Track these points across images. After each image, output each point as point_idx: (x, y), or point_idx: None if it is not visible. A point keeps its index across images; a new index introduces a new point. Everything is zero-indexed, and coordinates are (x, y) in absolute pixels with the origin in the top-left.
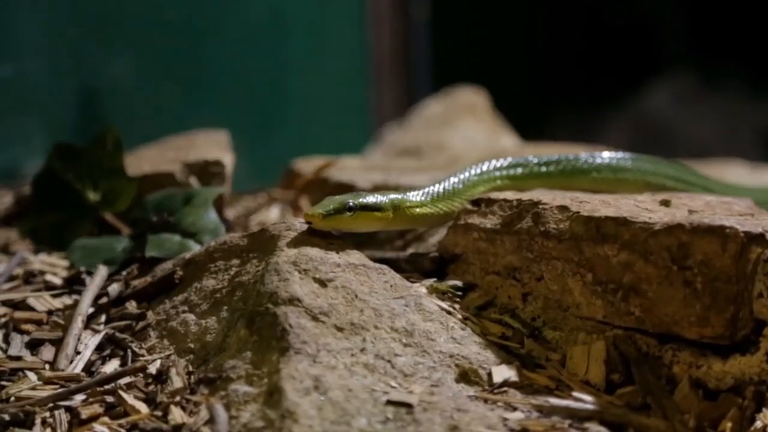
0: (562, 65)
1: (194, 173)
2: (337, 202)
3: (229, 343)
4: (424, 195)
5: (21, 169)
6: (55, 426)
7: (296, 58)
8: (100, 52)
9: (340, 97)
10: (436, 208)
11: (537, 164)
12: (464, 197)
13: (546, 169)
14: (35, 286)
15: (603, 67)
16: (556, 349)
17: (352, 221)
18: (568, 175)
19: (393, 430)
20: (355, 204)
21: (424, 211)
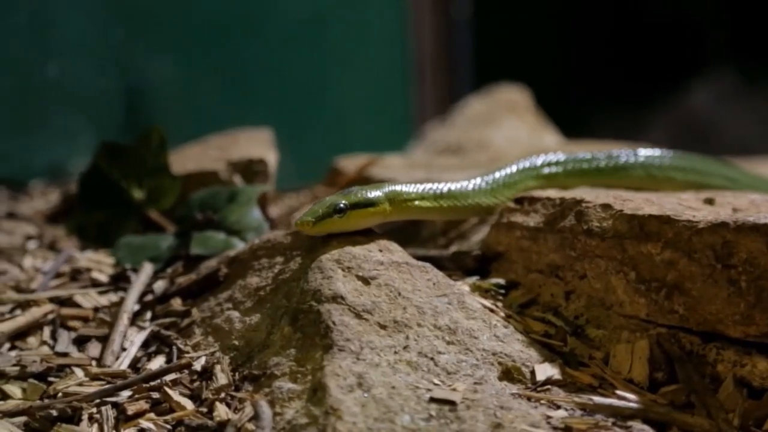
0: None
1: (238, 171)
2: (325, 206)
3: (273, 341)
4: (425, 187)
5: (67, 168)
6: (102, 422)
7: (339, 57)
8: (144, 52)
9: (382, 95)
10: (438, 202)
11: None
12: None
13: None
14: (82, 283)
15: (645, 65)
16: (599, 348)
17: (344, 222)
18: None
19: (436, 428)
20: (344, 204)
21: (424, 204)
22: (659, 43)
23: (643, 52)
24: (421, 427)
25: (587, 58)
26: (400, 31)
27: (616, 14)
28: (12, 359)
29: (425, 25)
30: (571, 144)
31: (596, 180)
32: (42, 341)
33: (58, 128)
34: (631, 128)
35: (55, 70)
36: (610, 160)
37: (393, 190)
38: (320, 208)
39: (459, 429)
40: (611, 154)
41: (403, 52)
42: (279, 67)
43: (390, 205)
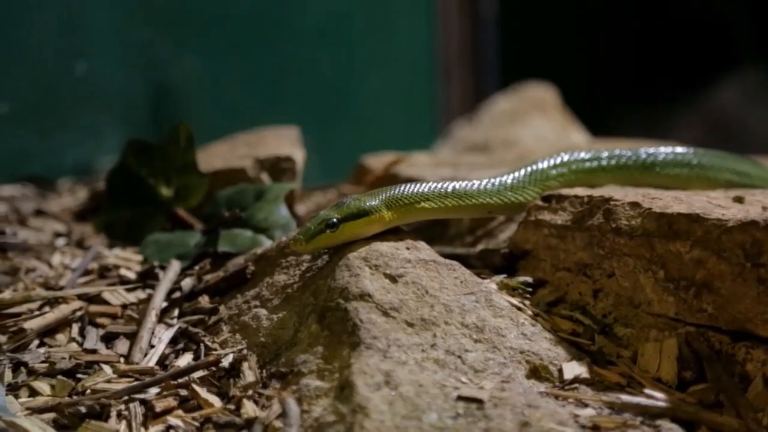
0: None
1: (265, 169)
2: (317, 222)
3: (300, 338)
4: (428, 188)
5: (95, 165)
6: (130, 418)
7: (366, 55)
8: (172, 50)
9: (409, 93)
10: (443, 202)
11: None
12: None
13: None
14: (110, 281)
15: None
16: (627, 346)
17: (338, 236)
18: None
19: (464, 426)
20: (336, 219)
21: (429, 206)
22: (687, 40)
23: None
24: (448, 425)
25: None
26: (427, 30)
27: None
28: (41, 356)
29: (452, 24)
30: (598, 142)
31: (608, 179)
32: (71, 338)
33: (87, 126)
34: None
35: (83, 69)
36: (619, 159)
37: (392, 196)
38: (312, 225)
39: (486, 427)
40: (620, 153)
41: (430, 51)
42: (307, 65)
43: (390, 211)
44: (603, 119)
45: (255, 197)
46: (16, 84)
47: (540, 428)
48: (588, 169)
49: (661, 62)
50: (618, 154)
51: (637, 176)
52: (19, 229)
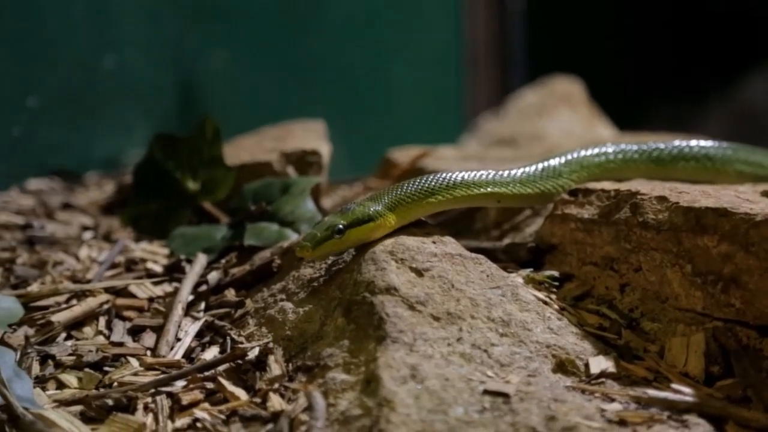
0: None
1: (291, 163)
2: (323, 229)
3: (326, 332)
4: (429, 183)
5: (122, 159)
6: (157, 411)
7: (392, 49)
8: (200, 44)
9: (435, 87)
10: (445, 196)
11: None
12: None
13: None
14: (136, 274)
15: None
16: (654, 341)
17: (344, 242)
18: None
19: (490, 420)
20: (342, 225)
21: (436, 200)
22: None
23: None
24: (474, 419)
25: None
26: (454, 23)
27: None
28: (68, 349)
29: (479, 17)
30: (626, 135)
31: (616, 173)
32: (98, 331)
33: (114, 120)
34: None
35: (111, 63)
36: (625, 153)
37: (395, 197)
38: (318, 231)
39: (513, 421)
40: (623, 148)
41: (457, 44)
42: (333, 59)
43: (395, 213)
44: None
45: (281, 191)
46: (45, 78)
47: (566, 422)
48: (597, 163)
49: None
50: (624, 148)
51: (644, 169)
52: (46, 223)
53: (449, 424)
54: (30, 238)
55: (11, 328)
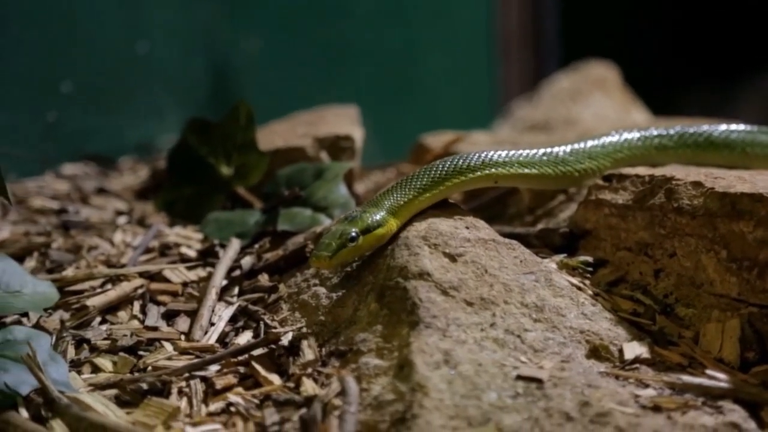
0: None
1: (325, 148)
2: (337, 238)
3: (359, 317)
4: (419, 179)
5: (156, 144)
6: (191, 395)
7: (425, 34)
8: (233, 29)
9: (468, 72)
10: (437, 189)
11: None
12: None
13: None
14: (170, 258)
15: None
16: (688, 327)
17: (358, 249)
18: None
19: (523, 405)
20: (356, 232)
21: (428, 195)
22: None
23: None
24: (508, 405)
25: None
26: (487, 8)
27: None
28: (103, 333)
29: (512, 2)
30: (660, 120)
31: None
32: (132, 315)
33: (148, 105)
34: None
35: (145, 49)
36: (630, 141)
37: (394, 204)
38: (332, 241)
39: (546, 407)
40: (629, 136)
41: (489, 29)
42: (366, 44)
43: (395, 216)
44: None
45: (314, 176)
46: (78, 64)
47: (600, 408)
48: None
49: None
50: (627, 137)
51: (655, 155)
52: (81, 208)
53: (482, 409)
54: (65, 222)
55: (47, 312)
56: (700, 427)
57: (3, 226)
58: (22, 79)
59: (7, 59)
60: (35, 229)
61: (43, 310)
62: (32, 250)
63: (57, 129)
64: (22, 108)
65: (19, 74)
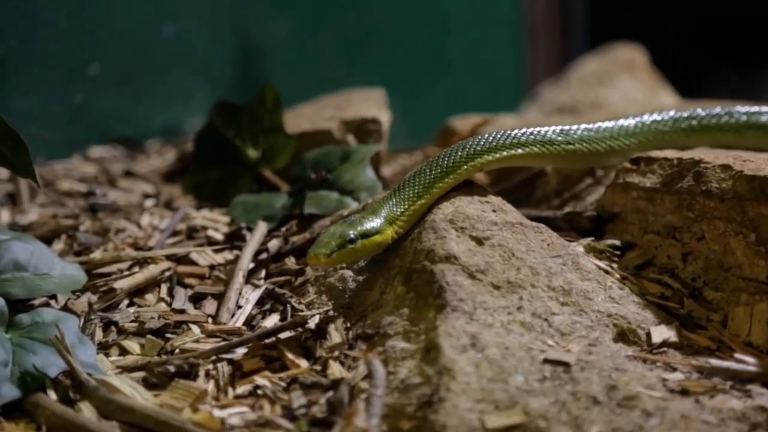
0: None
1: (351, 131)
2: (337, 237)
3: (386, 300)
4: (415, 185)
5: (183, 127)
6: (218, 378)
7: (452, 16)
8: (259, 12)
9: (495, 54)
10: (431, 193)
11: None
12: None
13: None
14: (197, 241)
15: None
16: (717, 310)
17: (355, 252)
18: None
19: (550, 389)
20: (354, 234)
21: (424, 200)
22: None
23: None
24: (535, 388)
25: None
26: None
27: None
28: (131, 315)
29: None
30: (688, 103)
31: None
32: (159, 298)
33: (175, 88)
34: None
35: (172, 31)
36: (627, 129)
37: (391, 212)
38: (331, 240)
39: (573, 390)
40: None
41: (516, 12)
42: (394, 27)
43: (392, 224)
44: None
45: (341, 159)
46: (106, 46)
47: (627, 392)
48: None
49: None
50: (624, 123)
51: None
52: (108, 190)
53: (509, 392)
54: (92, 205)
55: (75, 294)
56: (729, 410)
57: (31, 209)
58: (51, 62)
59: (36, 42)
60: (63, 212)
61: (71, 293)
62: (60, 233)
63: (85, 112)
64: (51, 91)
65: (47, 57)
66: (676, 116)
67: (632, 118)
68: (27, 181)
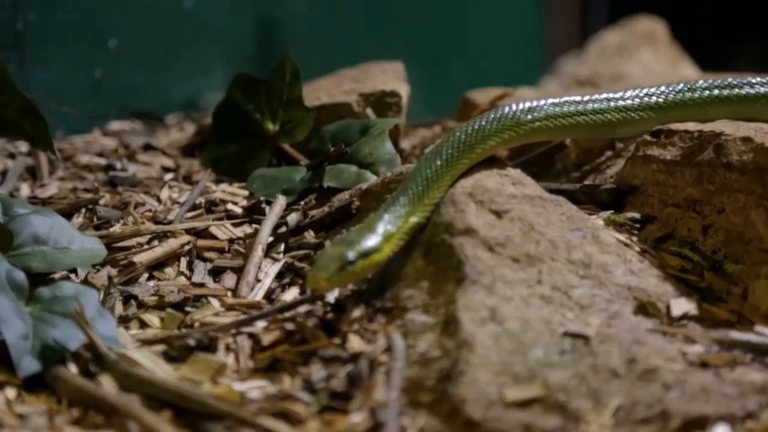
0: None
1: (370, 104)
2: (336, 260)
3: (405, 273)
4: (406, 201)
5: (202, 100)
6: (238, 351)
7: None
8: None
9: (515, 27)
10: (424, 206)
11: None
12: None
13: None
14: (217, 215)
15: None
16: (737, 283)
17: (354, 273)
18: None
19: (570, 362)
20: (354, 256)
21: (418, 217)
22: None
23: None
24: (554, 361)
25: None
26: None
27: None
28: (150, 289)
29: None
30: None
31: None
32: (179, 272)
33: (193, 61)
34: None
35: (191, 5)
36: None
37: (387, 230)
38: (330, 263)
39: (593, 363)
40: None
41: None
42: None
43: (388, 242)
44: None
45: (360, 132)
46: (125, 20)
47: (647, 364)
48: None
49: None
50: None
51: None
52: (128, 164)
53: (529, 365)
54: (112, 179)
55: (95, 268)
56: (749, 383)
57: (51, 183)
58: (70, 36)
59: (55, 16)
60: (82, 186)
61: (91, 267)
62: (80, 207)
63: (104, 86)
64: (70, 65)
65: (66, 31)
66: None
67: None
68: (46, 154)
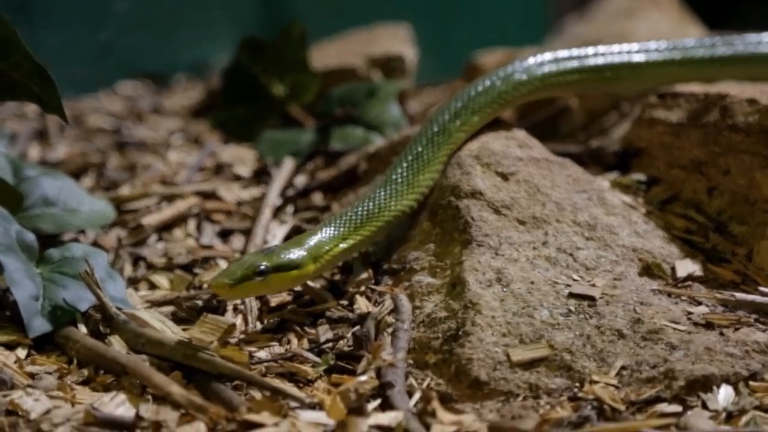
0: None
1: (377, 67)
2: (245, 266)
3: (412, 235)
4: (342, 224)
5: (209, 63)
6: (246, 312)
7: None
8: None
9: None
10: (360, 234)
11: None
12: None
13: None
14: (225, 177)
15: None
16: (742, 244)
17: (265, 286)
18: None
19: (575, 323)
20: (266, 266)
21: (348, 243)
22: None
23: None
24: (560, 322)
25: None
26: None
27: None
28: (159, 251)
29: None
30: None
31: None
32: (187, 234)
33: (201, 24)
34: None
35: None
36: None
37: (316, 244)
38: (239, 269)
39: (598, 324)
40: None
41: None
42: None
43: (314, 262)
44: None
45: (367, 95)
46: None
47: (652, 325)
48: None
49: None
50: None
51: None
52: (136, 127)
53: (534, 326)
54: (120, 141)
55: (103, 230)
56: (753, 343)
57: (59, 145)
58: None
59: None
60: (91, 148)
61: (100, 228)
62: (88, 169)
63: (112, 48)
64: (78, 27)
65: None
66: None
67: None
68: (55, 117)
